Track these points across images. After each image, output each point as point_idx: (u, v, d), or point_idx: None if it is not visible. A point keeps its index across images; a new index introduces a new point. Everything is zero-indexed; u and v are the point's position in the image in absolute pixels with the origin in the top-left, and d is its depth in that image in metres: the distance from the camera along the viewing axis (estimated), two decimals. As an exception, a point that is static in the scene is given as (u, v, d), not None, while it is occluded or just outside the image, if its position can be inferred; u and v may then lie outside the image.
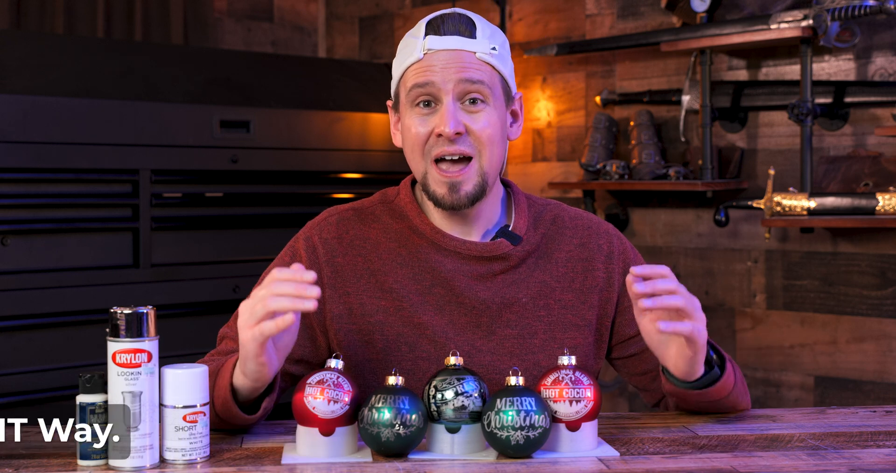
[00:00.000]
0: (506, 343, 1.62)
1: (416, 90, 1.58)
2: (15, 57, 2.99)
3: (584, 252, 1.69)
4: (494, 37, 1.61)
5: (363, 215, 1.68)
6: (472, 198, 1.59)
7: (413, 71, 1.59)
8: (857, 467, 1.35)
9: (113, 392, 1.36)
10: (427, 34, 1.59)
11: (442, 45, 1.58)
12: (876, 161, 3.08)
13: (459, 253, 1.62)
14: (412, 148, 1.60)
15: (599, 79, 3.75)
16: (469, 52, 1.58)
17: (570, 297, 1.66)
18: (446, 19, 1.60)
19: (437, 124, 1.57)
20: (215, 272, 3.27)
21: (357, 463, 1.38)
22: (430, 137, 1.58)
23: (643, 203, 3.65)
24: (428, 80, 1.57)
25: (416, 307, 1.61)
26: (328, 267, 1.63)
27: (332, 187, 3.54)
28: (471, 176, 1.58)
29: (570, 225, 1.71)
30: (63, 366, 2.95)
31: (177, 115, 3.17)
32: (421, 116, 1.59)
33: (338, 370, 1.42)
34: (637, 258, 1.73)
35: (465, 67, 1.57)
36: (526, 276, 1.64)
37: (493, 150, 1.59)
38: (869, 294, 3.14)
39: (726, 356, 1.59)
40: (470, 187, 1.58)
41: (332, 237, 1.65)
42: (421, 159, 1.60)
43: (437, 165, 1.58)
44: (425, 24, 1.61)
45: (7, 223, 2.85)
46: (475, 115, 1.58)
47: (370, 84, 3.80)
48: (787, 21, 3.09)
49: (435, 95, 1.57)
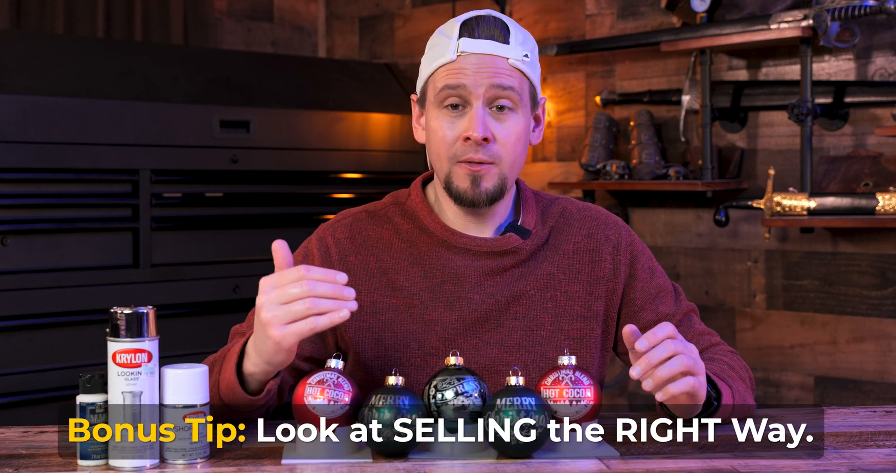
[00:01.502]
0: (513, 335, 1.63)
1: (446, 91, 1.58)
2: (15, 57, 2.99)
3: (591, 243, 1.69)
4: (526, 43, 1.62)
5: (375, 216, 1.69)
6: (491, 196, 1.60)
7: (444, 71, 1.59)
8: (857, 467, 1.35)
9: (113, 392, 1.36)
10: (461, 36, 1.59)
11: (476, 48, 1.58)
12: (876, 161, 3.08)
13: (469, 250, 1.63)
14: (437, 149, 1.61)
15: (599, 79, 3.75)
16: (502, 58, 1.58)
17: (576, 288, 1.67)
18: (481, 22, 1.60)
19: (465, 128, 1.57)
20: (215, 272, 3.27)
21: (357, 463, 1.38)
22: (457, 140, 1.58)
23: (643, 203, 3.65)
24: (459, 82, 1.57)
25: (426, 304, 1.62)
26: (340, 266, 1.64)
27: (332, 187, 3.54)
28: (491, 176, 1.59)
29: (577, 217, 1.72)
30: (63, 366, 2.95)
31: (177, 115, 3.17)
32: (449, 119, 1.59)
33: (338, 370, 1.42)
34: (644, 251, 1.73)
35: (497, 73, 1.57)
36: (534, 268, 1.65)
37: (514, 157, 1.60)
38: (869, 294, 3.14)
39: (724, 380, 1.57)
40: (490, 185, 1.59)
41: (345, 237, 1.66)
42: (446, 161, 1.60)
43: (460, 163, 1.59)
44: (460, 25, 1.60)
45: (7, 223, 2.86)
46: (502, 121, 1.59)
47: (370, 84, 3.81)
48: (787, 21, 3.09)
49: (465, 98, 1.58)
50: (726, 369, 1.62)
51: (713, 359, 1.66)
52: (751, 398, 1.63)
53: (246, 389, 1.48)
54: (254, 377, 1.47)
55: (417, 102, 1.68)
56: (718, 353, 1.69)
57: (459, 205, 1.62)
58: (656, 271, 1.73)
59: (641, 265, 1.71)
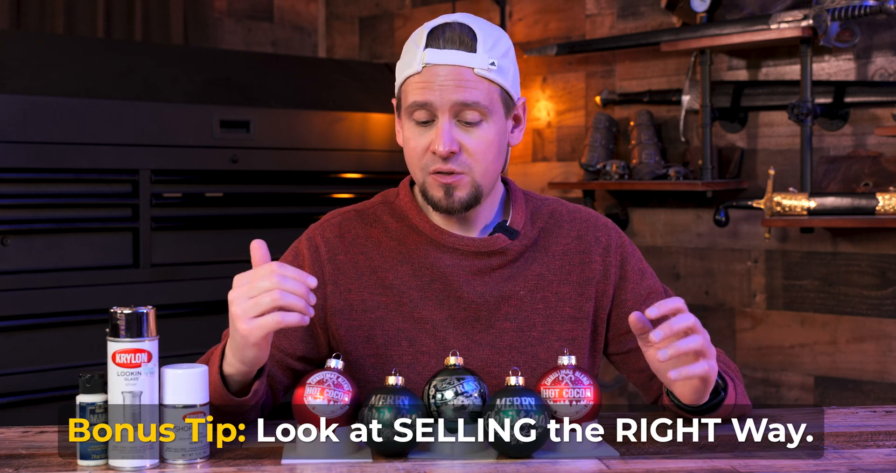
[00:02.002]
0: (504, 337, 1.63)
1: (414, 106, 1.59)
2: (15, 57, 2.99)
3: (581, 245, 1.70)
4: (496, 48, 1.60)
5: (364, 215, 1.70)
6: (465, 204, 1.60)
7: (412, 85, 1.59)
8: (857, 467, 1.35)
9: (113, 392, 1.36)
10: (427, 46, 1.58)
11: (440, 59, 1.57)
12: (876, 161, 3.08)
13: (458, 249, 1.64)
14: (410, 159, 1.63)
15: (599, 79, 3.75)
16: (467, 68, 1.57)
17: (567, 289, 1.67)
18: (447, 30, 1.58)
19: (432, 141, 1.58)
20: (215, 272, 3.27)
21: (357, 463, 1.38)
22: (426, 152, 1.59)
23: (643, 203, 3.65)
24: (426, 100, 1.57)
25: (415, 302, 1.62)
26: (330, 264, 1.65)
27: (332, 187, 3.54)
28: (464, 185, 1.60)
29: (567, 218, 1.72)
30: (63, 366, 2.95)
31: (177, 115, 3.17)
32: (418, 130, 1.60)
33: (338, 370, 1.42)
34: (634, 253, 1.73)
35: (462, 86, 1.56)
36: (523, 269, 1.66)
37: (486, 165, 1.60)
38: (869, 294, 3.14)
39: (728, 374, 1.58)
40: (464, 193, 1.60)
41: (335, 236, 1.68)
42: (419, 171, 1.62)
43: (432, 174, 1.60)
44: (427, 34, 1.59)
45: (7, 223, 2.85)
46: (470, 132, 1.58)
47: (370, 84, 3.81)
48: (787, 21, 3.09)
49: (432, 112, 1.58)
50: (723, 367, 1.62)
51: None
52: (746, 397, 1.64)
53: (230, 391, 1.48)
54: (233, 379, 1.48)
55: (396, 108, 1.68)
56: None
57: (437, 212, 1.63)
58: (646, 272, 1.73)
59: (631, 267, 1.71)
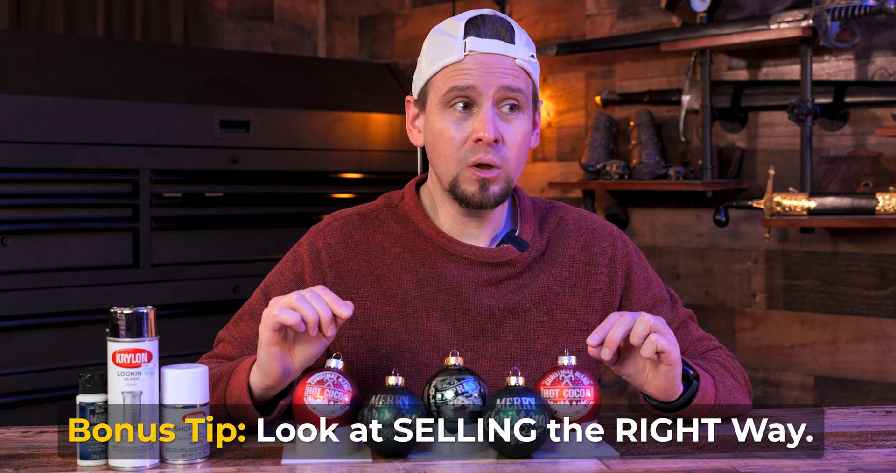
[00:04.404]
0: (508, 349, 1.61)
1: (454, 92, 1.55)
2: (15, 57, 2.99)
3: (588, 256, 1.67)
4: (530, 44, 1.60)
5: (367, 219, 1.66)
6: (497, 200, 1.57)
7: (451, 72, 1.55)
8: (857, 467, 1.35)
9: (113, 392, 1.36)
10: (468, 35, 1.56)
11: (484, 47, 1.55)
12: (876, 161, 3.08)
13: (466, 259, 1.60)
14: (444, 151, 1.57)
15: (599, 79, 3.75)
16: (509, 58, 1.55)
17: (572, 301, 1.65)
18: (487, 21, 1.57)
19: (475, 129, 1.54)
20: (215, 272, 3.27)
21: (357, 463, 1.38)
22: (465, 141, 1.55)
23: (643, 203, 3.65)
24: (469, 83, 1.54)
25: (419, 312, 1.59)
26: (332, 273, 1.61)
27: (332, 187, 3.55)
28: (499, 179, 1.57)
29: (573, 228, 1.69)
30: (63, 366, 2.95)
31: (177, 115, 3.17)
32: (456, 120, 1.56)
33: (338, 370, 1.42)
34: (640, 262, 1.71)
35: (507, 73, 1.54)
36: (530, 281, 1.63)
37: (519, 160, 1.58)
38: (869, 294, 3.14)
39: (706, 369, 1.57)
40: (497, 188, 1.56)
41: (336, 242, 1.63)
42: (454, 164, 1.56)
43: (470, 168, 1.56)
44: (465, 24, 1.57)
45: (7, 223, 2.86)
46: (510, 122, 1.56)
47: (370, 84, 3.81)
48: (787, 21, 3.09)
49: (473, 98, 1.55)
50: (716, 366, 1.61)
51: (705, 359, 1.66)
52: (743, 397, 1.62)
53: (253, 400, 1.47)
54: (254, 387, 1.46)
55: (415, 104, 1.65)
56: (713, 355, 1.68)
57: (465, 207, 1.59)
58: (652, 281, 1.71)
59: (637, 277, 1.69)
